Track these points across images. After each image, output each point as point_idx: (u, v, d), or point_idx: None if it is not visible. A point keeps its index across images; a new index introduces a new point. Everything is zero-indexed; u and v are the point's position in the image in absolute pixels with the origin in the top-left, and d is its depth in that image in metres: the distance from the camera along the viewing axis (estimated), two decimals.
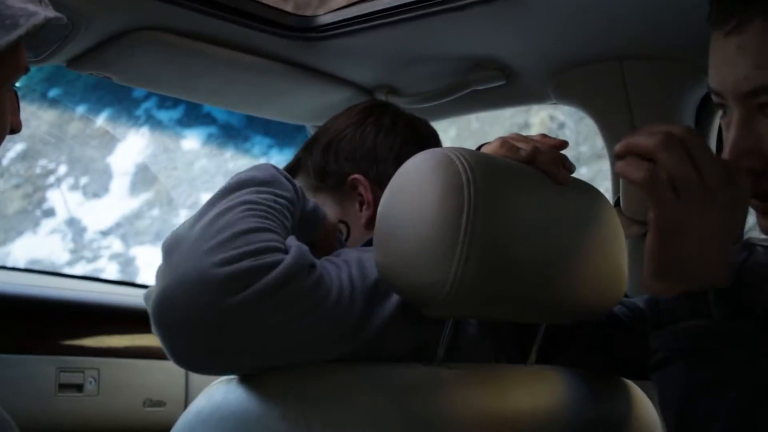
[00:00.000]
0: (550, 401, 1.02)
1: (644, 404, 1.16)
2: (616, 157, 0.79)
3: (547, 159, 0.96)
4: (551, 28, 1.44)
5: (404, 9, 1.46)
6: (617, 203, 1.51)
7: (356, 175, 1.26)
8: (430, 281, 0.84)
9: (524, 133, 1.01)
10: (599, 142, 1.75)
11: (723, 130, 0.90)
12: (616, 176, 1.56)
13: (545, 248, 0.92)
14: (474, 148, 1.01)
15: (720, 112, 0.91)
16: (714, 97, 0.89)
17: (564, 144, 1.00)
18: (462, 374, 0.95)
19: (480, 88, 1.70)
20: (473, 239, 0.83)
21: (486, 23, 1.43)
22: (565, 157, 0.99)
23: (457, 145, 0.94)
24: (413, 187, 0.87)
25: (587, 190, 1.02)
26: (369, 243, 0.98)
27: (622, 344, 1.12)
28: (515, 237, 0.88)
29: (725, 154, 0.85)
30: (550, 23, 1.42)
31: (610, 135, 1.66)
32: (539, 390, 1.03)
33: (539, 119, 3.20)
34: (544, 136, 1.01)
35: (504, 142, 0.98)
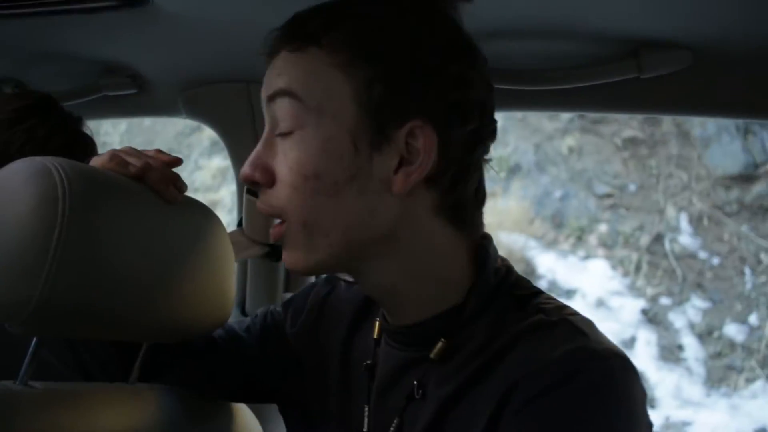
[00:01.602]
0: (146, 421, 1.00)
1: (250, 426, 1.17)
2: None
3: (157, 176, 0.94)
4: (180, 44, 1.42)
5: (32, 3, 1.37)
6: (240, 223, 1.54)
7: None
8: (15, 298, 0.79)
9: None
10: None
11: None
12: (241, 196, 1.59)
13: (147, 267, 0.90)
14: (144, 144, 0.97)
15: None
16: None
17: (178, 162, 0.99)
18: (49, 394, 0.90)
19: (111, 94, 1.65)
20: (65, 255, 0.79)
21: (116, 30, 1.38)
22: (177, 176, 0.98)
23: (126, 141, 0.90)
24: (4, 199, 0.81)
25: (198, 209, 1.02)
26: None
27: (221, 367, 1.13)
28: (114, 254, 0.85)
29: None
30: (179, 40, 1.40)
31: (235, 153, 1.69)
32: (135, 409, 1.00)
33: None
34: (159, 152, 1.00)
35: (114, 155, 0.95)
